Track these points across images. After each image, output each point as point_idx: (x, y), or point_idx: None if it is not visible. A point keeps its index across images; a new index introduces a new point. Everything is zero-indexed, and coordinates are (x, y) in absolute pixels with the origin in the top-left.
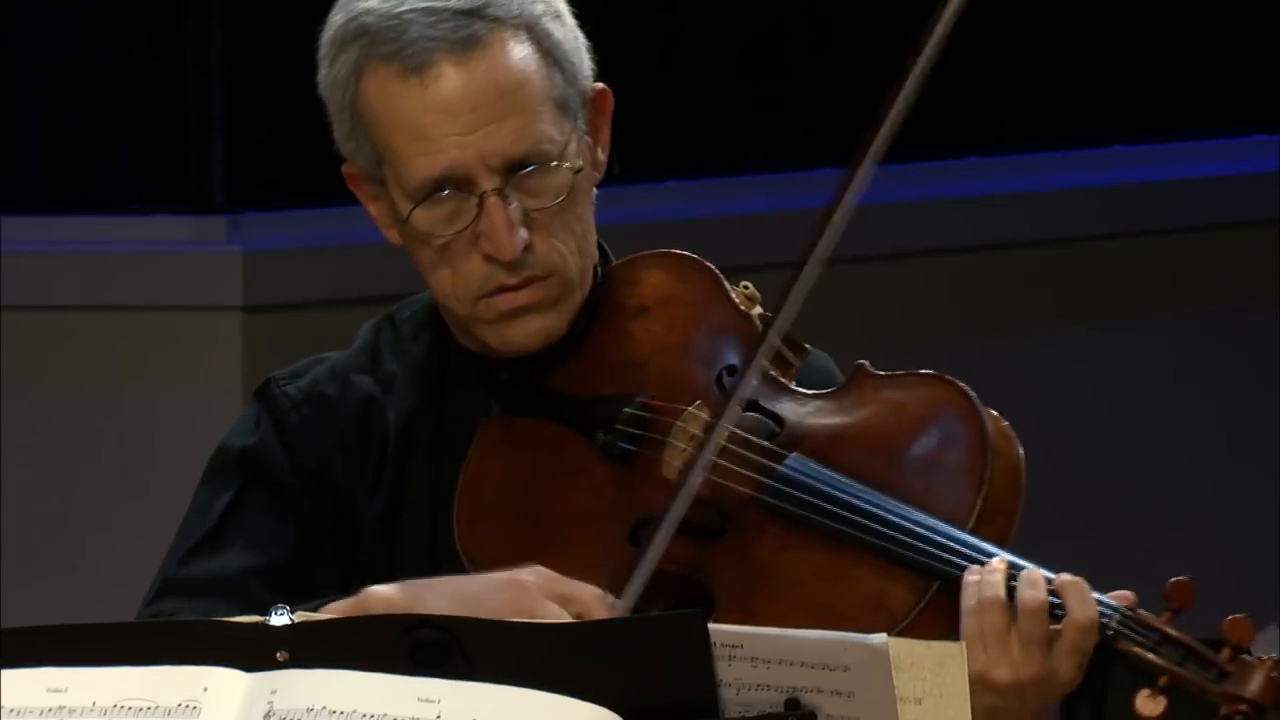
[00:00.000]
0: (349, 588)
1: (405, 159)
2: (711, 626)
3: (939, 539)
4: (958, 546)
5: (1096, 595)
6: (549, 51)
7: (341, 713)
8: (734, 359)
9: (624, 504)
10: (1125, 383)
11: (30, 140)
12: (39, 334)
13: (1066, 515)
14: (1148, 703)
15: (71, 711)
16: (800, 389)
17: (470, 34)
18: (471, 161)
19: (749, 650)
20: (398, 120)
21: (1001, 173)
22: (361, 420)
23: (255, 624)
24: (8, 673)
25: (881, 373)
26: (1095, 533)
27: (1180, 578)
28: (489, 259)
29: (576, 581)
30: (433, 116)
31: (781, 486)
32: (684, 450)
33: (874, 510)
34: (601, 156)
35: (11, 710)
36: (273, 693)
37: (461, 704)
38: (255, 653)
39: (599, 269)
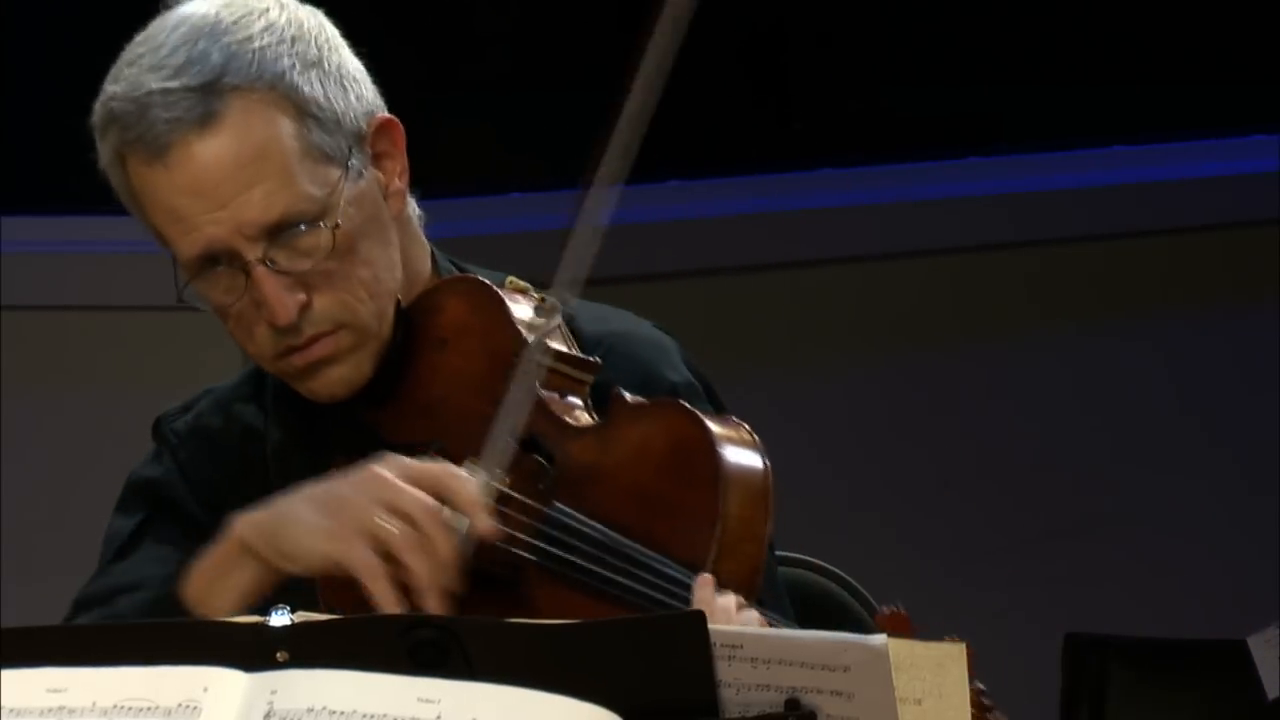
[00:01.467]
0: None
1: (171, 240)
2: (711, 627)
3: (677, 590)
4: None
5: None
6: (298, 107)
7: (341, 713)
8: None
9: None
10: (1124, 383)
11: (30, 140)
12: (39, 334)
13: (1061, 517)
14: None
15: (71, 711)
16: (576, 418)
17: (206, 110)
18: (228, 235)
19: (749, 650)
20: (155, 204)
21: (1000, 173)
22: (243, 450)
23: (255, 624)
24: (8, 673)
25: (632, 400)
26: (1092, 534)
27: (892, 609)
28: (270, 324)
29: (426, 464)
30: (182, 199)
31: (544, 545)
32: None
33: (620, 564)
34: (399, 184)
35: (11, 710)
36: (273, 693)
37: (461, 704)
38: (255, 653)
39: (400, 304)
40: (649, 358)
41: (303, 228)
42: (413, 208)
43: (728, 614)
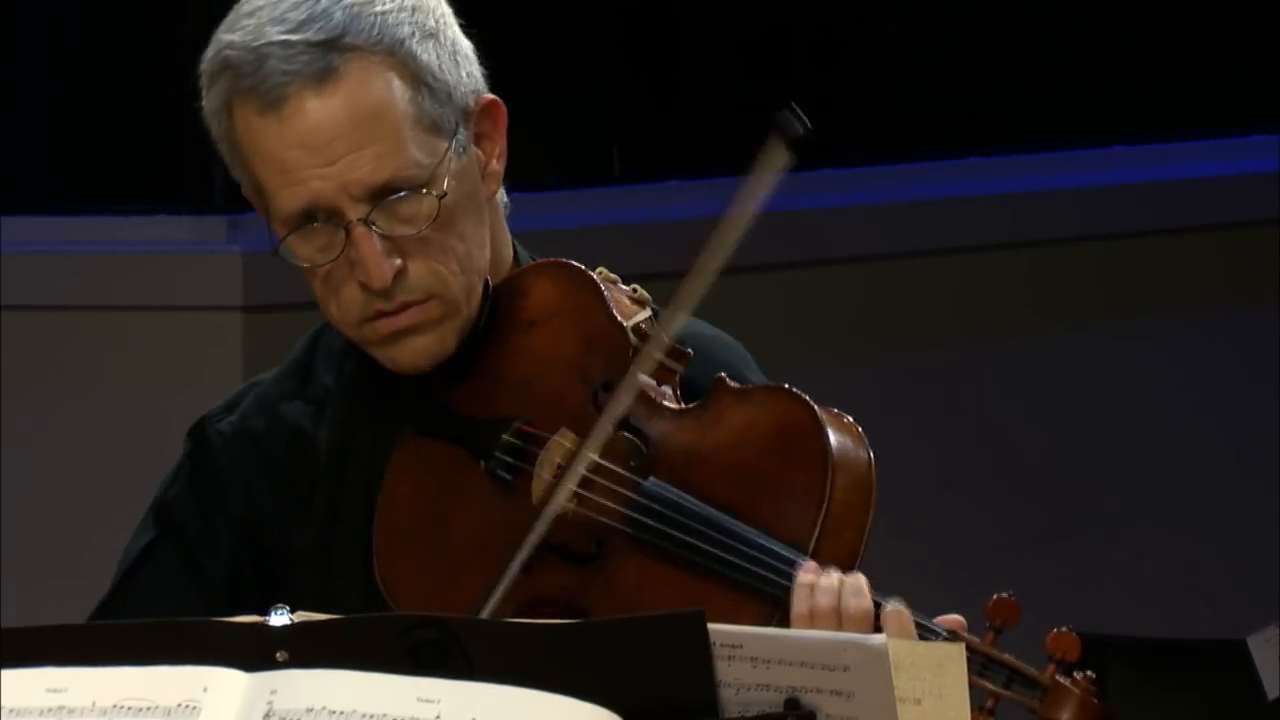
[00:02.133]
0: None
1: (273, 192)
2: (711, 627)
3: (780, 565)
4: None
5: (919, 619)
6: (414, 75)
7: (341, 713)
8: (609, 375)
9: (508, 531)
10: (1125, 384)
11: (30, 140)
12: (39, 334)
13: (1061, 517)
14: None
15: (71, 711)
16: (670, 404)
17: (325, 66)
18: (333, 193)
19: (749, 650)
20: (261, 155)
21: (1000, 173)
22: (290, 453)
23: (255, 624)
24: (8, 673)
25: (737, 386)
26: (1092, 534)
27: (1003, 595)
28: (364, 286)
29: None
30: (291, 151)
31: (638, 516)
32: (546, 480)
33: (720, 537)
34: (496, 167)
35: (11, 710)
36: (273, 693)
37: (461, 704)
38: (255, 653)
39: (489, 284)
40: (728, 359)
41: (406, 193)
42: (502, 195)
43: (834, 593)
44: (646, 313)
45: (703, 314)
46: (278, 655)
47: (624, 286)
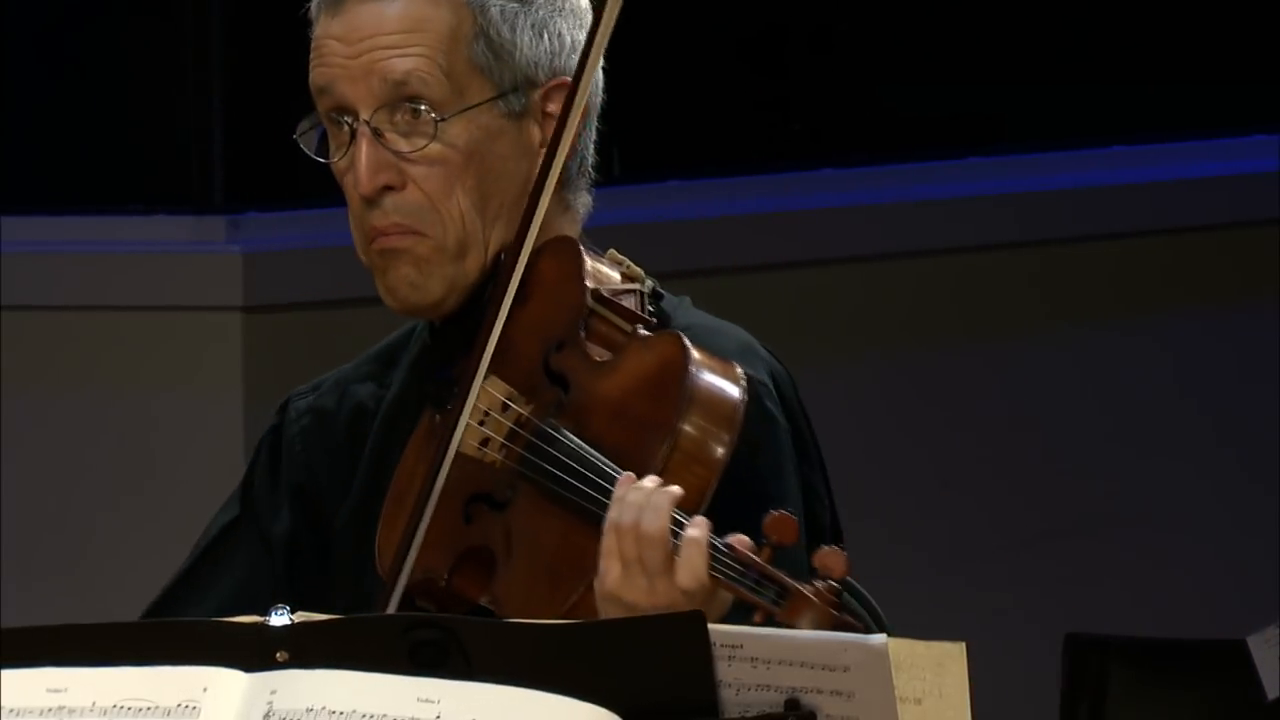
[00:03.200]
0: (320, 602)
1: (309, 71)
2: (711, 627)
3: (609, 485)
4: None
5: (713, 539)
6: (480, 24)
7: (341, 713)
8: (563, 335)
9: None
10: (1124, 383)
11: (30, 140)
12: (39, 334)
13: (1061, 517)
14: None
15: (71, 711)
16: (597, 357)
17: None
18: (351, 81)
19: (749, 650)
20: (315, 43)
21: (1001, 173)
22: (350, 430)
23: (255, 624)
24: (8, 673)
25: (641, 334)
26: (1092, 534)
27: (782, 511)
28: (359, 193)
29: None
30: (331, 41)
31: (527, 454)
32: (476, 428)
33: (580, 469)
34: (539, 146)
35: (11, 710)
36: (273, 693)
37: (461, 704)
38: (255, 653)
39: (500, 258)
40: (725, 349)
41: (420, 108)
42: (584, 201)
43: (638, 507)
44: (631, 286)
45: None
46: (278, 655)
47: (619, 266)
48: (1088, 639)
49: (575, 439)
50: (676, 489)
